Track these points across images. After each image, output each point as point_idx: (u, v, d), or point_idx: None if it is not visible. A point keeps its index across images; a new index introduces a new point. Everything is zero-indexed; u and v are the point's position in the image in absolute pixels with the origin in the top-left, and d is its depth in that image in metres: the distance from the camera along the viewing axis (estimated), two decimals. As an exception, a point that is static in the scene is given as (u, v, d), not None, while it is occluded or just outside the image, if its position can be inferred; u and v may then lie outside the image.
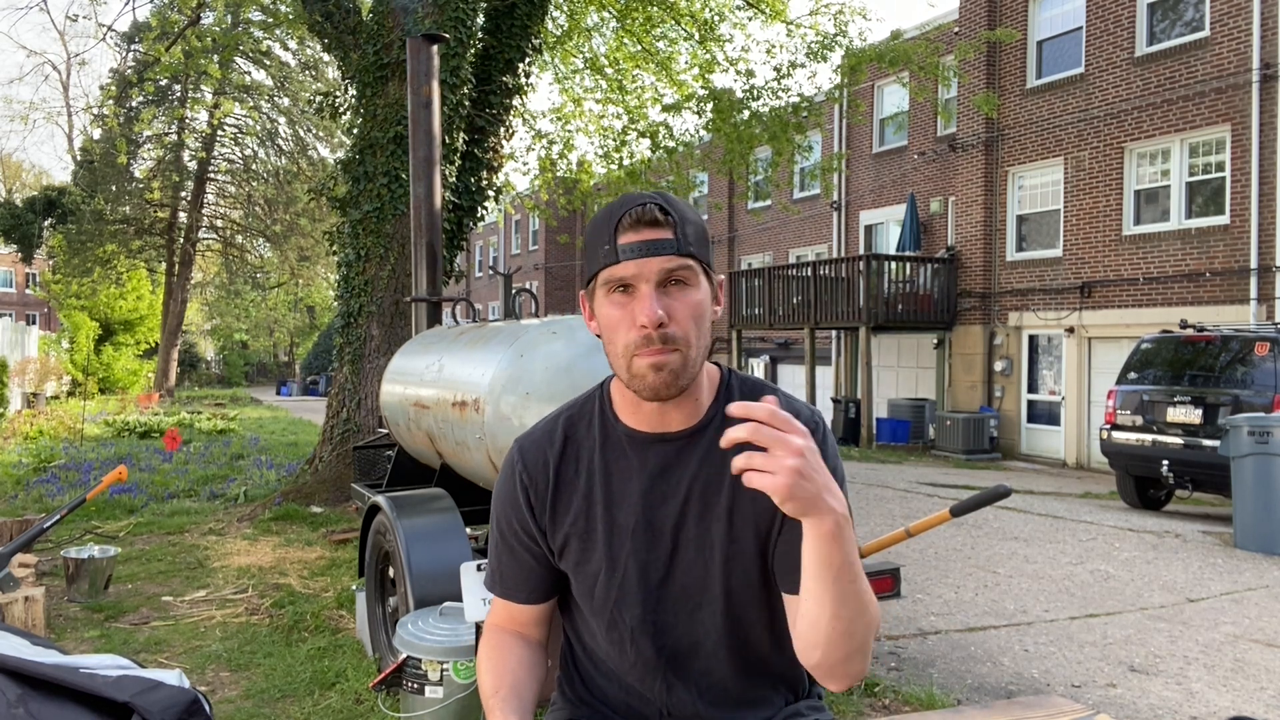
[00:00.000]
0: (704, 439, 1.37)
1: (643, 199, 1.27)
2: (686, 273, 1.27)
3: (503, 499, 1.46)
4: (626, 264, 1.25)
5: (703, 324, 1.29)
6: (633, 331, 1.26)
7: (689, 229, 1.27)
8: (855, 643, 1.19)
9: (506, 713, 1.33)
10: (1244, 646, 4.66)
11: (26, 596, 4.24)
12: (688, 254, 1.26)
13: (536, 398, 3.27)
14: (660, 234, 1.26)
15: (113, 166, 24.95)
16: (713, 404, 1.39)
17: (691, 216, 1.29)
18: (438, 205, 5.92)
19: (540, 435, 1.46)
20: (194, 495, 8.85)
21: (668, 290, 1.26)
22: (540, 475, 1.42)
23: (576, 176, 13.94)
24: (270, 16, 14.46)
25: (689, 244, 1.27)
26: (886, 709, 3.68)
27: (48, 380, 21.80)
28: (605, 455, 1.40)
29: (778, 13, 11.95)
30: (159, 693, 1.50)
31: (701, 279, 1.29)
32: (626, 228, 1.26)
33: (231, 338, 43.84)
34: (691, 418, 1.37)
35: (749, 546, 1.35)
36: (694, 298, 1.28)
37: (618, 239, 1.26)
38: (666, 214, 1.26)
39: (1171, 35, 12.89)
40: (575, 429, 1.44)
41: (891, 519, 8.12)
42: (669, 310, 1.26)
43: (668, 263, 1.25)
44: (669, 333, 1.25)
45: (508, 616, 1.50)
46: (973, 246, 15.50)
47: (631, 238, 1.26)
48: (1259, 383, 8.56)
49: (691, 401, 1.36)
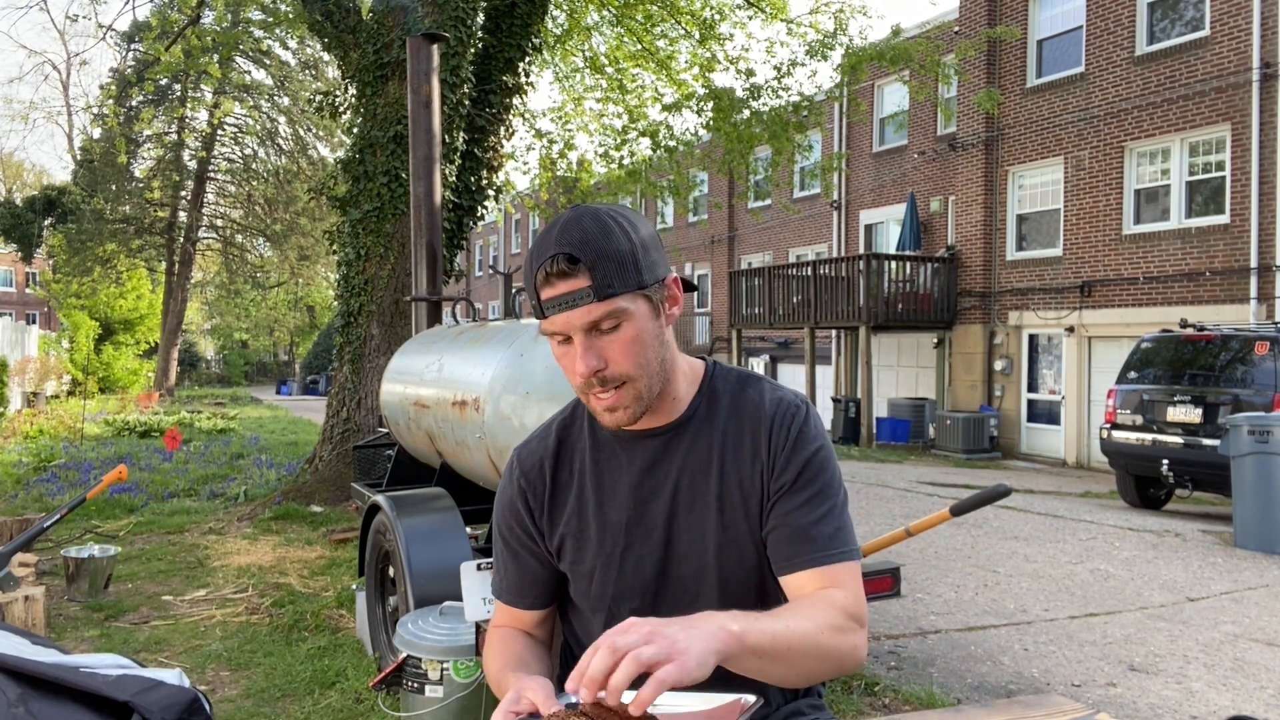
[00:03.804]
0: (688, 431, 1.39)
1: (552, 248, 1.22)
2: (610, 317, 1.24)
3: (503, 505, 1.49)
4: (553, 318, 1.25)
5: (647, 349, 1.28)
6: (576, 377, 1.28)
7: (607, 266, 1.22)
8: (829, 665, 1.22)
9: (517, 674, 1.32)
10: (1244, 645, 4.66)
11: (26, 596, 4.24)
12: (608, 296, 1.22)
13: (536, 397, 3.27)
14: (574, 285, 1.22)
15: (113, 166, 24.96)
16: (695, 396, 1.41)
17: (612, 246, 1.23)
18: (438, 204, 5.92)
19: (535, 441, 1.49)
20: (194, 495, 8.85)
21: (599, 335, 1.25)
22: (537, 479, 1.45)
23: (576, 176, 13.94)
24: (270, 16, 14.44)
25: (609, 284, 1.22)
26: (886, 708, 3.68)
27: (48, 380, 21.80)
28: (596, 455, 1.42)
29: (778, 11, 11.93)
30: (159, 692, 1.50)
31: (636, 306, 1.26)
32: (542, 282, 1.24)
33: (231, 337, 43.86)
34: (673, 413, 1.39)
35: (741, 533, 1.36)
36: (627, 335, 1.26)
37: (540, 294, 1.25)
38: (576, 262, 1.21)
39: (1171, 34, 12.88)
40: (568, 432, 1.47)
41: (891, 519, 8.12)
42: (603, 354, 1.26)
43: (588, 314, 1.23)
44: (606, 376, 1.27)
45: (512, 620, 1.51)
46: (973, 246, 15.50)
47: (549, 293, 1.24)
48: (1259, 382, 8.56)
49: (668, 400, 1.38)
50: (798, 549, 1.30)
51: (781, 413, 1.38)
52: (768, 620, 1.15)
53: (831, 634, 1.20)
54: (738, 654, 1.07)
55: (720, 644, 1.05)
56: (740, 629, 1.08)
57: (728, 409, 1.40)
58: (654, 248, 1.30)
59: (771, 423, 1.37)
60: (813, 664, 1.18)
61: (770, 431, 1.36)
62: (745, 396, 1.41)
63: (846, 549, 1.32)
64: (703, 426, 1.39)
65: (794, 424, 1.37)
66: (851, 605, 1.26)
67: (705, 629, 1.05)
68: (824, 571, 1.29)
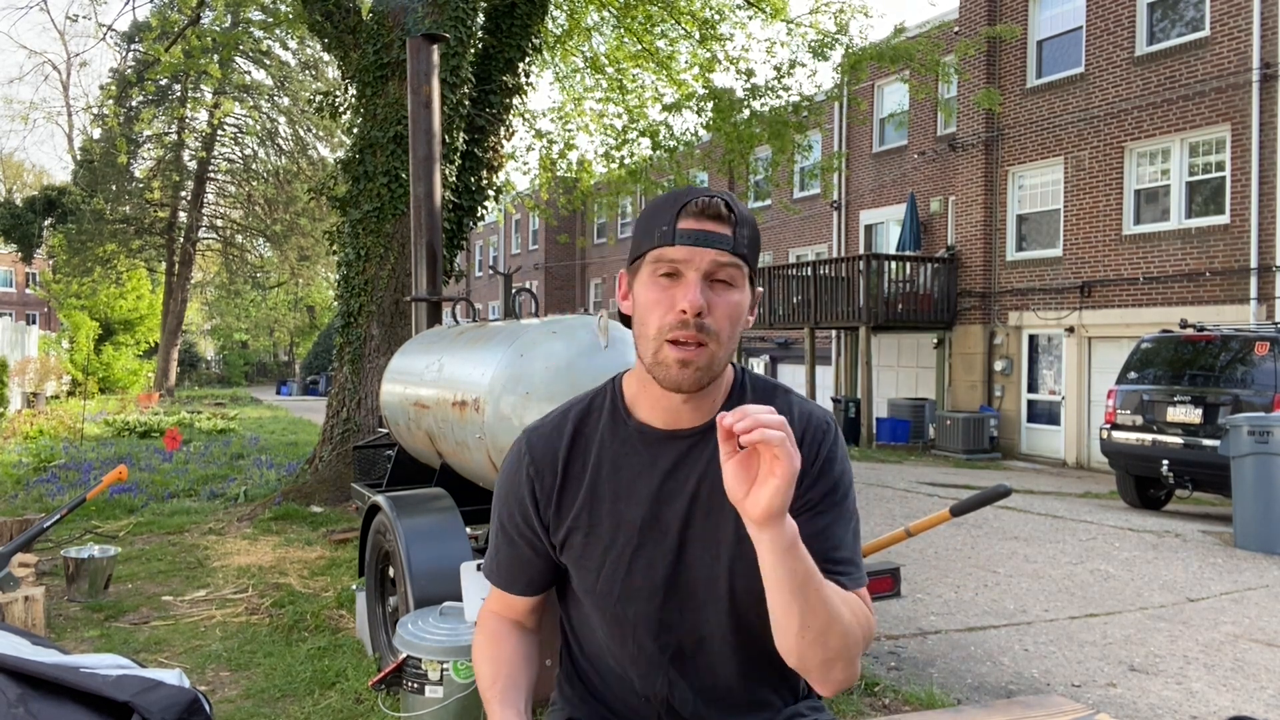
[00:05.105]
0: (713, 437, 1.37)
1: (710, 193, 1.29)
2: (734, 272, 1.28)
3: (507, 490, 1.46)
4: (681, 248, 1.27)
5: (737, 326, 1.31)
6: (670, 315, 1.27)
7: (746, 232, 1.30)
8: (830, 651, 1.20)
9: (504, 705, 1.35)
10: (1244, 646, 4.66)
11: (26, 596, 4.24)
12: (741, 254, 1.29)
13: (536, 397, 3.27)
14: (720, 228, 1.27)
15: (113, 166, 24.96)
16: (725, 401, 1.40)
17: (750, 222, 1.32)
18: (438, 205, 5.92)
19: (550, 429, 1.45)
20: (194, 495, 8.85)
21: (712, 286, 1.28)
22: (548, 470, 1.42)
23: (576, 176, 13.94)
24: (270, 16, 14.45)
25: (744, 246, 1.29)
26: (886, 708, 3.68)
27: (48, 380, 21.80)
28: (615, 450, 1.40)
29: (778, 11, 11.93)
30: (159, 692, 1.50)
31: (745, 283, 1.31)
32: (689, 215, 1.27)
33: (231, 337, 43.85)
34: (705, 415, 1.37)
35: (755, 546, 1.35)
36: (735, 298, 1.29)
37: (678, 223, 1.27)
38: (731, 211, 1.28)
39: (1171, 35, 12.89)
40: (585, 423, 1.44)
41: (891, 519, 8.12)
42: (710, 303, 1.27)
43: (720, 257, 1.27)
44: (705, 323, 1.26)
45: (504, 604, 1.51)
46: (973, 246, 15.50)
47: (692, 225, 1.27)
48: (1259, 382, 8.55)
49: (708, 400, 1.37)
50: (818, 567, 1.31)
51: (812, 430, 1.38)
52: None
53: (852, 624, 1.23)
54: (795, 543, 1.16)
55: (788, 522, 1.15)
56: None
57: None
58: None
59: (801, 439, 1.35)
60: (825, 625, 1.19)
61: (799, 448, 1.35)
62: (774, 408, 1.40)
63: (860, 574, 1.34)
64: None
65: (824, 444, 1.37)
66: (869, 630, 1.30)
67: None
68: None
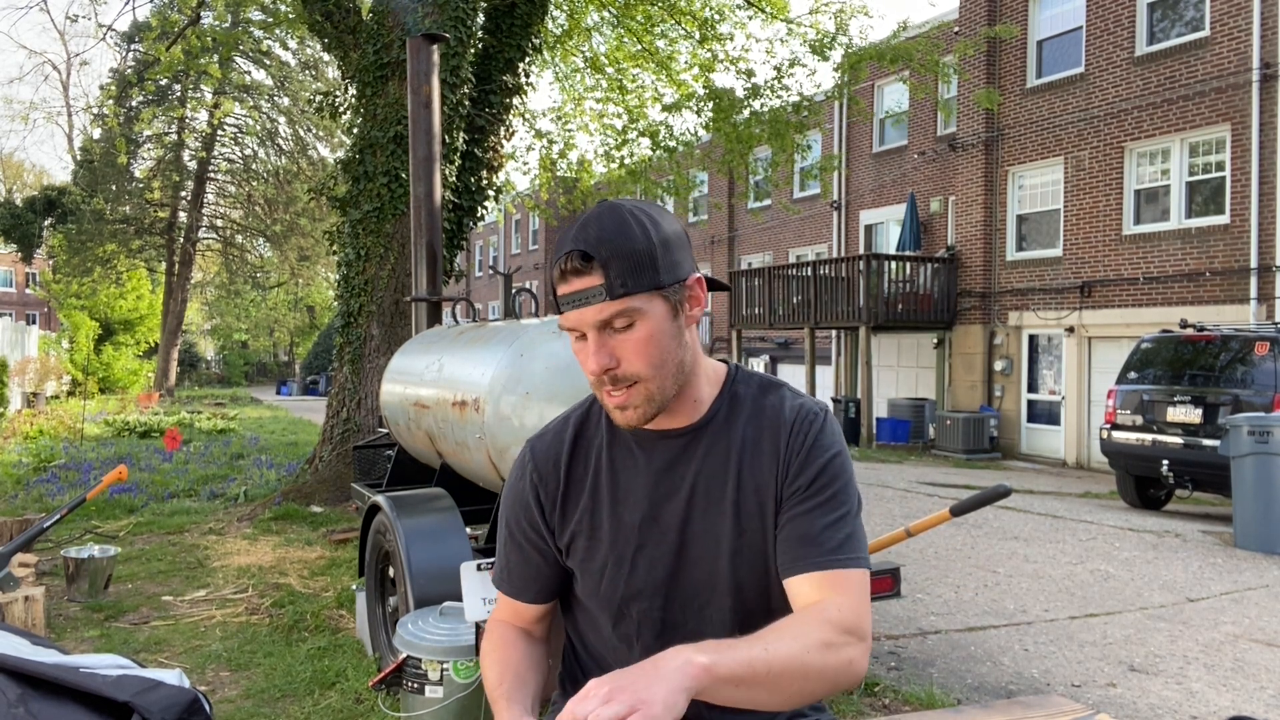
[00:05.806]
0: (706, 435, 1.38)
1: (568, 244, 1.24)
2: (623, 316, 1.24)
3: (513, 498, 1.48)
4: (568, 314, 1.26)
5: (662, 350, 1.28)
6: (589, 374, 1.29)
7: (621, 264, 1.22)
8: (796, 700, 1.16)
9: (511, 705, 1.34)
10: (1244, 646, 4.66)
11: (26, 596, 4.24)
12: (621, 295, 1.22)
13: (536, 397, 3.27)
14: (588, 282, 1.23)
15: (113, 166, 24.97)
16: (716, 399, 1.40)
17: (628, 245, 1.23)
18: (438, 205, 5.92)
19: (551, 435, 1.48)
20: (194, 495, 8.85)
21: (613, 333, 1.26)
22: (551, 475, 1.44)
23: (576, 176, 13.94)
24: (270, 16, 14.45)
25: (622, 284, 1.22)
26: (886, 709, 3.68)
27: (48, 380, 21.80)
28: (612, 453, 1.41)
29: (778, 11, 11.93)
30: (159, 692, 1.50)
31: (651, 306, 1.25)
32: (558, 278, 1.26)
33: (231, 337, 43.84)
34: (693, 415, 1.38)
35: (756, 539, 1.35)
36: (640, 335, 1.26)
37: (557, 289, 1.27)
38: (589, 259, 1.22)
39: (1171, 35, 12.88)
40: (584, 428, 1.46)
41: (891, 519, 8.12)
42: (616, 353, 1.26)
43: (600, 313, 1.24)
44: (617, 375, 1.27)
45: (513, 613, 1.51)
46: (973, 246, 15.50)
47: (564, 289, 1.25)
48: (1259, 382, 8.55)
49: (689, 402, 1.37)
50: (802, 552, 1.29)
51: (801, 419, 1.37)
52: (744, 646, 1.11)
53: (821, 652, 1.15)
54: (710, 686, 1.05)
55: (689, 680, 1.02)
56: (710, 660, 1.05)
57: (748, 414, 1.39)
58: (677, 246, 1.29)
59: (790, 429, 1.36)
60: (800, 685, 1.14)
61: (788, 437, 1.35)
62: (766, 402, 1.40)
63: (854, 556, 1.29)
64: (722, 430, 1.38)
65: (811, 430, 1.36)
66: (849, 617, 1.21)
67: (669, 668, 1.03)
68: (827, 576, 1.26)
